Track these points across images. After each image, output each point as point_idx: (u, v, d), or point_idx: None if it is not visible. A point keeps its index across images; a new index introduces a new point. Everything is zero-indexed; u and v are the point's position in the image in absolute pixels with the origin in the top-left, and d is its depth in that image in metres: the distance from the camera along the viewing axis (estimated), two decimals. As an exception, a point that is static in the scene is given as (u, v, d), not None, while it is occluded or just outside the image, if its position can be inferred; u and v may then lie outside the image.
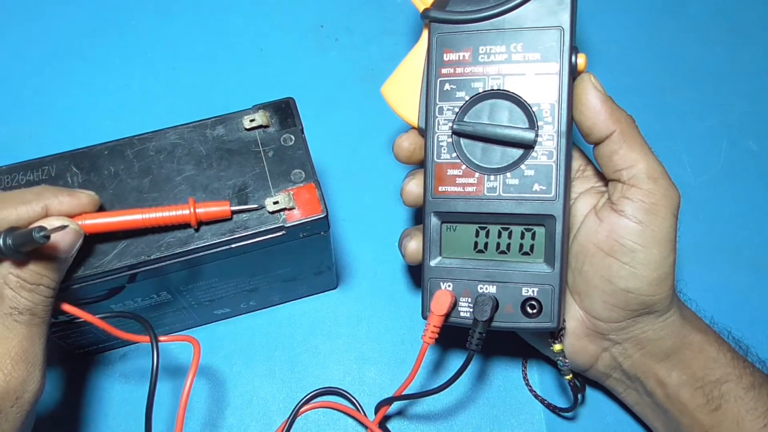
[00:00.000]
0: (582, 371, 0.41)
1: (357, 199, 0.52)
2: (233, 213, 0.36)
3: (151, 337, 0.36)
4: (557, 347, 0.39)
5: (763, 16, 0.59)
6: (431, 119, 0.37)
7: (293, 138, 0.38)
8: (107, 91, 0.55)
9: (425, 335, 0.37)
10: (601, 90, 0.35)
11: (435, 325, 0.37)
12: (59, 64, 0.56)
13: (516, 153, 0.36)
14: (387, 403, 0.41)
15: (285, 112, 0.39)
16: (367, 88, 0.55)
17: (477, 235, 0.37)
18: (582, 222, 0.38)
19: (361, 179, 0.52)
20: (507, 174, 0.36)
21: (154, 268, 0.36)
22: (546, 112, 0.35)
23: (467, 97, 0.37)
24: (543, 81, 0.35)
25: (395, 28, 0.58)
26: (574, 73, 0.35)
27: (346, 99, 0.55)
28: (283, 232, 0.36)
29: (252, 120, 0.38)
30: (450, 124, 0.37)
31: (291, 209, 0.36)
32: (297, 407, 0.43)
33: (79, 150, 0.38)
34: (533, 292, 0.36)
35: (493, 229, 0.37)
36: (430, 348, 0.37)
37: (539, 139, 0.35)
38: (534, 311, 0.36)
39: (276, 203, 0.36)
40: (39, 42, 0.57)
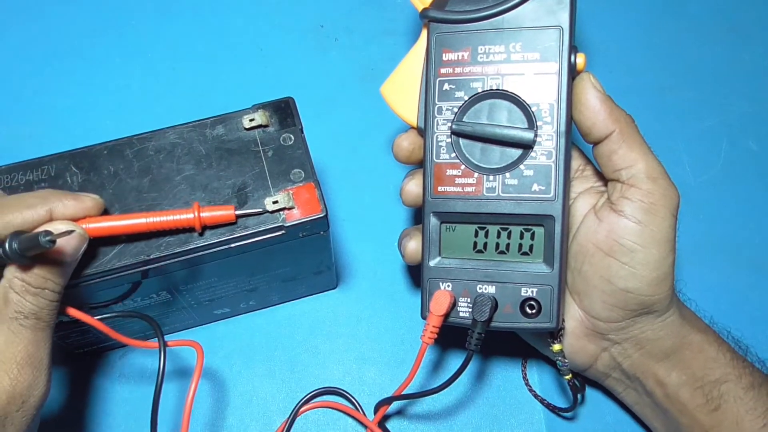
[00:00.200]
0: (581, 371, 0.41)
1: (357, 199, 0.52)
2: (238, 217, 0.36)
3: (160, 343, 0.36)
4: (556, 347, 0.39)
5: (763, 15, 0.59)
6: (430, 119, 0.37)
7: (293, 138, 0.38)
8: (107, 91, 0.55)
9: (424, 335, 0.37)
10: (601, 90, 0.35)
11: (434, 326, 0.37)
12: (59, 64, 0.57)
13: (515, 153, 0.36)
14: (386, 403, 0.41)
15: (285, 111, 0.39)
16: (367, 88, 0.55)
17: (476, 235, 0.37)
18: (581, 222, 0.38)
19: (361, 179, 0.52)
20: (506, 174, 0.36)
21: (153, 267, 0.36)
22: (545, 111, 0.35)
23: (466, 97, 0.36)
24: (542, 81, 0.35)
25: (395, 28, 0.58)
26: (573, 73, 0.35)
27: (346, 99, 0.55)
28: (283, 231, 0.36)
29: (252, 120, 0.38)
30: (449, 124, 0.37)
31: (290, 209, 0.36)
32: (297, 407, 0.43)
33: (79, 150, 0.38)
34: (532, 292, 0.36)
35: (493, 230, 0.37)
36: (429, 348, 0.37)
37: (538, 139, 0.35)
38: (533, 311, 0.36)
39: (275, 203, 0.36)
40: (39, 42, 0.57)
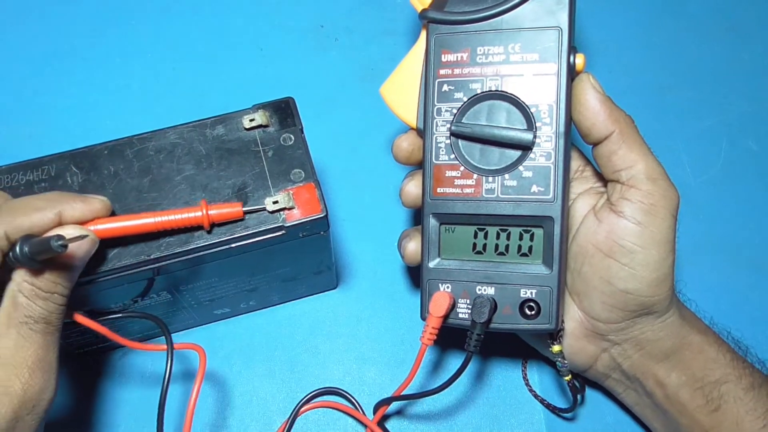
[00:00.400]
0: (581, 372, 0.41)
1: (357, 199, 0.52)
2: (245, 213, 0.36)
3: (168, 346, 0.36)
4: (556, 348, 0.39)
5: (763, 15, 0.59)
6: (429, 120, 0.37)
7: (293, 138, 0.38)
8: (107, 91, 0.55)
9: (424, 336, 0.37)
10: (600, 90, 0.35)
11: (433, 327, 0.37)
12: (59, 64, 0.57)
13: (514, 154, 0.36)
14: (385, 404, 0.41)
15: (285, 111, 0.39)
16: (367, 88, 0.55)
17: (475, 237, 0.37)
18: (581, 223, 0.38)
19: (361, 179, 0.52)
20: (505, 175, 0.36)
21: (153, 268, 0.36)
22: (544, 113, 0.35)
23: (465, 98, 0.36)
24: (541, 82, 0.35)
25: (395, 28, 0.58)
26: (572, 74, 0.35)
27: (346, 99, 0.55)
28: (283, 231, 0.36)
29: (252, 120, 0.38)
30: (448, 125, 0.37)
31: (291, 209, 0.36)
32: (297, 407, 0.43)
33: (79, 150, 0.38)
34: (531, 293, 0.36)
35: (492, 231, 0.37)
36: (429, 348, 0.38)
37: (537, 141, 0.35)
38: (532, 312, 0.36)
39: (276, 203, 0.36)
40: (39, 42, 0.57)
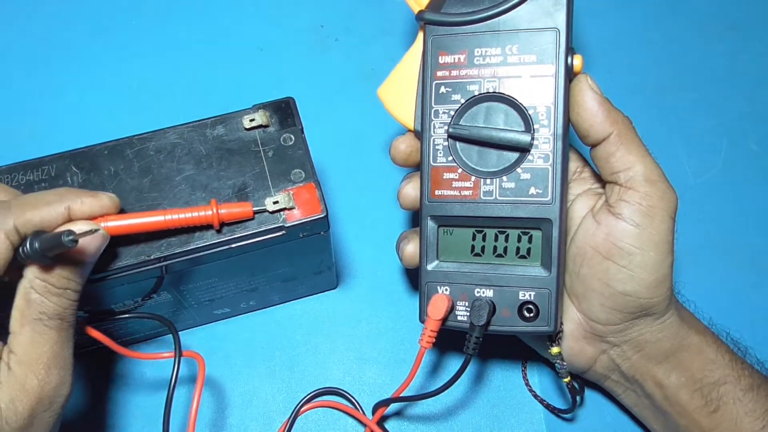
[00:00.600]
0: (580, 373, 0.41)
1: (357, 199, 0.52)
2: (255, 213, 0.36)
3: (176, 353, 0.36)
4: (555, 350, 0.38)
5: (763, 14, 0.59)
6: (427, 122, 0.37)
7: (293, 138, 0.38)
8: (107, 91, 0.55)
9: (422, 339, 0.37)
10: (598, 91, 0.35)
11: (432, 330, 0.37)
12: (59, 64, 0.57)
13: (512, 156, 0.36)
14: (384, 405, 0.41)
15: (285, 111, 0.39)
16: (367, 88, 0.55)
17: (474, 239, 0.37)
18: (579, 224, 0.38)
19: (361, 179, 0.52)
20: (503, 177, 0.36)
21: (153, 267, 0.36)
22: (542, 114, 0.35)
23: (463, 100, 0.36)
24: (539, 83, 0.35)
25: (395, 28, 0.58)
26: (570, 75, 0.35)
27: (346, 99, 0.55)
28: (283, 231, 0.36)
29: (252, 120, 0.38)
30: (446, 127, 0.37)
31: (291, 209, 0.36)
32: (297, 407, 0.43)
33: (79, 150, 0.38)
34: (530, 296, 0.36)
35: (490, 233, 0.37)
36: (428, 349, 0.37)
37: (535, 142, 0.35)
38: (531, 315, 0.36)
39: (276, 203, 0.36)
40: (39, 42, 0.57)
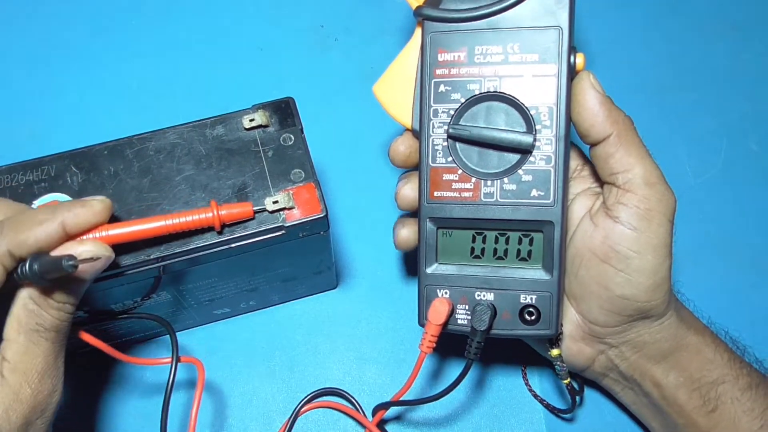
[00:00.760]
0: (579, 371, 0.41)
1: (357, 199, 0.52)
2: (255, 213, 0.36)
3: (173, 357, 0.37)
4: (555, 352, 0.38)
5: (764, 14, 0.59)
6: (426, 122, 0.36)
7: (293, 138, 0.38)
8: (107, 91, 0.55)
9: (423, 344, 0.37)
10: (600, 90, 0.34)
11: (433, 335, 0.36)
12: (59, 64, 0.57)
13: (513, 158, 0.35)
14: (383, 408, 0.41)
15: (285, 111, 0.39)
16: (367, 88, 0.54)
17: (473, 241, 0.37)
18: (578, 226, 0.37)
19: (361, 179, 0.52)
20: (504, 179, 0.35)
21: (153, 267, 0.36)
22: (544, 115, 0.34)
23: (463, 99, 0.35)
24: (541, 83, 0.34)
25: (395, 28, 0.58)
26: (572, 74, 0.34)
27: (346, 99, 0.55)
28: (283, 231, 0.36)
29: (252, 120, 0.38)
30: (445, 127, 0.36)
31: (291, 209, 0.36)
32: (297, 408, 0.43)
33: (79, 150, 0.38)
34: (531, 299, 0.36)
35: (490, 235, 0.36)
36: (429, 351, 0.37)
37: (537, 144, 0.34)
38: (532, 318, 0.36)
39: (276, 203, 0.36)
40: (39, 42, 0.57)
